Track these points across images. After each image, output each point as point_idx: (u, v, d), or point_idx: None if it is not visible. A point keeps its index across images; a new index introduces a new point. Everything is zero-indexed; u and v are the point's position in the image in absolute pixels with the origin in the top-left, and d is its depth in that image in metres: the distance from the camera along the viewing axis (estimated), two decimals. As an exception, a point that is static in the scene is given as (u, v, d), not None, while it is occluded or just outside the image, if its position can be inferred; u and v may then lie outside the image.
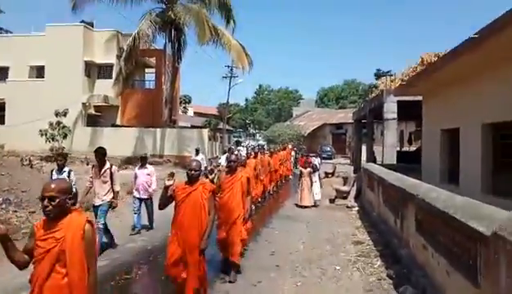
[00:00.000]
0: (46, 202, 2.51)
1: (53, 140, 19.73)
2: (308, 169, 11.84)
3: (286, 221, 9.42)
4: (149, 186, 8.19)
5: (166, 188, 4.13)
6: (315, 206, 11.42)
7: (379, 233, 7.74)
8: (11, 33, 33.76)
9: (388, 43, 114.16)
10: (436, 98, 10.70)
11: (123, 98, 24.95)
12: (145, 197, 8.14)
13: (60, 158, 6.85)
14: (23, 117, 21.84)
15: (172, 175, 4.17)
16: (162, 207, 4.29)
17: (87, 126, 24.22)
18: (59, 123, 19.94)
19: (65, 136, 20.20)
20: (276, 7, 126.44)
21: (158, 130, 22.87)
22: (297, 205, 11.39)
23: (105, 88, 24.10)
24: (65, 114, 20.08)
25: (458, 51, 7.15)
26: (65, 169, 6.71)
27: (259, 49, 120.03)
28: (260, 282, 5.25)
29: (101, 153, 6.63)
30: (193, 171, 4.23)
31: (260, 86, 77.73)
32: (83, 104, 24.08)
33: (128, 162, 20.43)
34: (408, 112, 14.37)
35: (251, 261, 6.16)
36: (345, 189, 13.00)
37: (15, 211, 8.06)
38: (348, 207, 11.34)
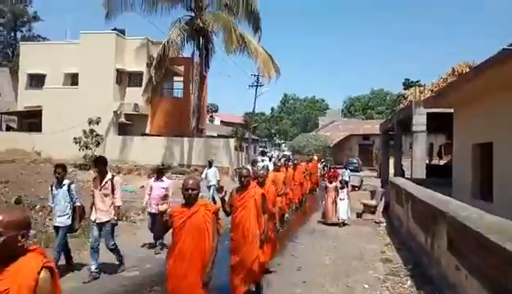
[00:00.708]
0: None
1: (87, 147, 20.35)
2: (334, 184, 11.18)
3: (312, 236, 9.35)
4: (163, 201, 7.17)
5: (161, 213, 3.69)
6: (341, 224, 10.42)
7: (408, 251, 7.55)
8: (48, 40, 35.34)
9: (418, 53, 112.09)
10: (468, 111, 10.39)
11: (153, 106, 25.46)
12: (156, 212, 6.96)
13: (59, 170, 5.93)
14: (58, 124, 22.64)
15: (165, 198, 3.84)
16: (156, 236, 3.98)
17: (119, 134, 24.82)
18: (92, 131, 20.58)
19: (97, 144, 20.80)
20: (302, 14, 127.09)
21: (185, 139, 23.20)
22: (322, 222, 10.86)
23: (135, 96, 24.74)
24: (97, 122, 20.73)
25: (492, 62, 6.94)
26: (64, 182, 5.95)
27: (285, 57, 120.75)
28: (287, 298, 5.23)
29: (101, 163, 6.01)
30: (190, 191, 3.58)
31: (285, 95, 77.89)
32: (115, 112, 24.70)
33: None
34: (438, 124, 14.00)
35: (278, 276, 6.15)
36: (373, 203, 12.77)
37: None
38: (375, 222, 11.13)
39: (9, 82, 31.36)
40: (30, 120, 26.65)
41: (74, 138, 20.05)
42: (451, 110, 11.68)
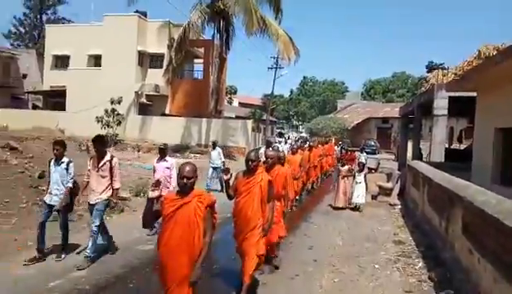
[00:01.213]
0: None
1: (108, 126, 20.91)
2: (347, 167, 10.72)
3: (326, 216, 9.41)
4: (168, 182, 6.99)
5: (151, 200, 3.36)
6: (354, 209, 10.07)
7: (422, 234, 7.54)
8: (72, 22, 36.03)
9: (443, 35, 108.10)
10: (492, 95, 10.08)
11: (173, 88, 25.81)
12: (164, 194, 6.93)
13: (58, 147, 5.53)
14: (81, 104, 23.35)
15: (158, 184, 3.45)
16: (146, 224, 3.67)
17: (139, 114, 25.36)
18: (113, 111, 21.08)
19: (119, 123, 21.35)
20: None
21: (204, 120, 23.48)
22: (331, 206, 10.33)
23: (156, 77, 25.11)
24: (119, 102, 21.19)
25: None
26: (63, 159, 5.52)
27: (305, 39, 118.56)
28: (297, 276, 5.35)
29: (99, 142, 5.67)
30: (185, 180, 3.20)
31: (305, 77, 76.97)
32: (136, 92, 25.21)
33: (176, 150, 21.25)
34: (460, 108, 13.65)
35: (289, 254, 6.27)
36: (389, 185, 12.70)
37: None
38: (390, 204, 11.09)
39: (35, 64, 32.25)
40: (55, 99, 27.52)
41: (97, 117, 20.61)
42: (474, 94, 11.35)
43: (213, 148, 12.33)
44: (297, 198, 10.05)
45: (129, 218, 8.02)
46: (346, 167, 10.67)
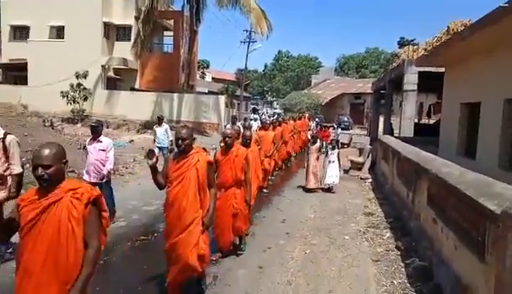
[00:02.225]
0: None
1: (74, 102, 20.14)
2: (318, 144, 9.76)
3: (298, 191, 9.51)
4: (101, 167, 5.81)
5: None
6: (327, 190, 9.31)
7: (390, 206, 7.79)
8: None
9: (415, 11, 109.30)
10: (458, 70, 10.35)
11: (142, 61, 24.97)
12: (95, 181, 5.62)
13: None
14: (45, 78, 22.20)
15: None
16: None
17: (107, 89, 24.48)
18: (79, 85, 20.26)
19: (85, 99, 20.58)
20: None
21: (175, 95, 22.98)
22: (303, 188, 9.46)
23: (124, 51, 24.12)
24: (85, 76, 20.36)
25: (486, 21, 6.83)
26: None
27: (280, 13, 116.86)
28: (270, 248, 5.42)
29: None
30: (40, 171, 2.19)
31: (279, 52, 76.33)
32: (103, 66, 24.23)
33: (146, 126, 20.76)
34: (429, 83, 13.97)
35: (262, 228, 6.35)
36: (360, 160, 12.97)
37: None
38: (361, 178, 11.37)
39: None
40: (15, 73, 26.00)
41: (62, 92, 19.77)
42: (443, 70, 11.62)
43: (159, 124, 10.64)
44: (269, 177, 9.62)
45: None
46: (317, 145, 9.70)
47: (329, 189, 9.30)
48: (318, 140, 10.12)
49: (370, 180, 11.07)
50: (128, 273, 4.67)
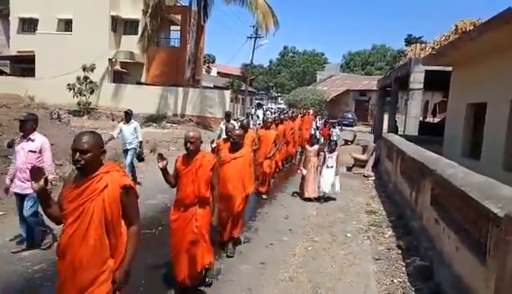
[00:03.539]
0: None
1: (80, 94, 20.26)
2: (316, 146, 8.67)
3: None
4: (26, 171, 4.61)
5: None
6: (328, 199, 8.07)
7: (393, 204, 7.82)
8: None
9: (423, 8, 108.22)
10: (466, 70, 10.28)
11: (148, 55, 25.04)
12: (19, 191, 4.80)
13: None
14: (52, 70, 22.33)
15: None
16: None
17: (114, 82, 24.56)
18: (86, 78, 20.37)
19: (92, 92, 20.69)
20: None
21: (180, 89, 23.01)
22: (299, 195, 8.31)
23: (131, 45, 24.19)
24: (92, 69, 20.45)
25: (496, 21, 6.78)
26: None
27: (287, 9, 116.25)
28: (272, 244, 5.48)
29: None
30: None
31: (285, 47, 76.16)
32: (110, 59, 24.31)
33: (151, 119, 20.87)
34: (435, 82, 13.89)
35: (265, 224, 6.40)
36: (363, 157, 12.96)
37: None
38: (364, 176, 11.37)
39: (0, 27, 30.29)
40: (23, 65, 26.16)
41: (68, 84, 19.89)
42: (450, 69, 11.55)
43: (126, 120, 8.51)
44: (271, 179, 9.01)
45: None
46: (315, 147, 8.55)
47: (327, 198, 8.09)
48: (318, 142, 9.20)
49: (373, 177, 11.08)
50: (131, 267, 4.72)
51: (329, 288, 4.26)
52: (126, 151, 8.42)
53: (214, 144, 5.69)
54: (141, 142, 8.55)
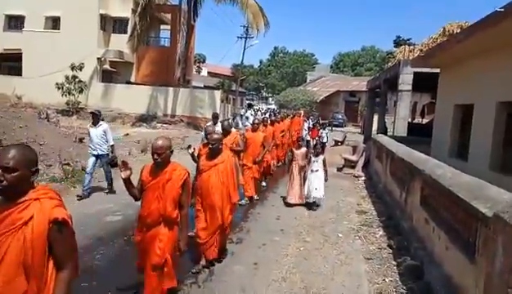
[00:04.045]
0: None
1: (69, 93, 20.03)
2: (304, 149, 8.16)
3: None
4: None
5: (126, 181, 3.25)
6: (312, 205, 7.51)
7: (383, 204, 7.91)
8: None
9: (412, 10, 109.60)
10: (453, 72, 10.47)
11: (138, 55, 24.90)
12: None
13: None
14: (39, 69, 22.03)
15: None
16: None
17: (103, 81, 24.33)
18: (75, 77, 20.15)
19: (81, 91, 20.50)
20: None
21: (170, 89, 22.93)
22: (285, 202, 7.83)
23: (121, 44, 24.03)
24: (80, 68, 20.23)
25: (483, 24, 6.93)
26: None
27: (276, 9, 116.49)
28: (265, 245, 5.50)
29: None
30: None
31: (275, 48, 76.27)
32: (99, 59, 24.06)
33: (141, 119, 20.73)
34: (424, 83, 14.11)
35: (257, 224, 6.42)
36: (353, 158, 13.08)
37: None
38: (355, 176, 11.47)
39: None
40: (10, 63, 25.72)
41: (57, 83, 19.65)
42: (438, 70, 11.74)
43: (94, 122, 7.48)
44: (262, 182, 8.89)
45: (95, 188, 7.84)
46: (302, 150, 8.05)
47: (313, 204, 7.54)
48: (308, 144, 9.06)
49: (363, 178, 11.19)
50: (124, 268, 4.71)
51: (321, 288, 4.30)
52: (96, 157, 7.44)
53: (191, 150, 5.18)
54: (112, 146, 7.55)
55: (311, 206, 7.50)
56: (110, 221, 6.22)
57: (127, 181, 3.25)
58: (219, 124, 8.18)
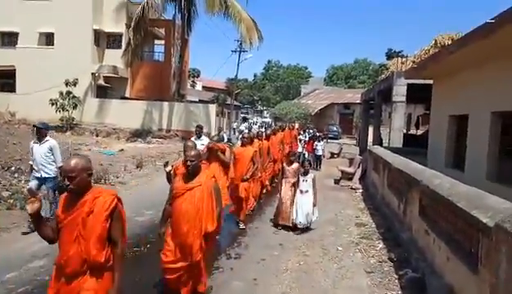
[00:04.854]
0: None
1: (63, 109, 19.94)
2: (295, 165, 7.18)
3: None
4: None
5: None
6: (303, 230, 6.72)
7: (382, 216, 7.86)
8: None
9: (402, 23, 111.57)
10: (447, 83, 10.57)
11: (133, 70, 24.91)
12: None
13: None
14: (33, 85, 21.94)
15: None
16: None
17: (97, 97, 24.26)
18: (69, 93, 20.09)
19: (75, 107, 20.42)
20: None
21: (165, 104, 22.91)
22: (273, 223, 7.14)
23: (115, 59, 24.04)
24: (74, 84, 20.20)
25: (474, 36, 7.01)
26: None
27: (269, 23, 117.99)
28: (264, 260, 5.42)
29: None
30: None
31: (269, 61, 76.92)
32: (93, 74, 24.04)
33: (136, 134, 20.65)
34: (417, 95, 14.23)
35: (256, 239, 6.34)
36: (350, 170, 13.08)
37: (28, 181, 8.20)
38: (352, 188, 11.45)
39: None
40: (3, 80, 25.61)
41: (51, 99, 19.56)
42: (431, 81, 11.86)
43: (39, 137, 6.26)
44: (255, 202, 7.98)
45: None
46: (294, 166, 7.15)
47: (307, 228, 6.75)
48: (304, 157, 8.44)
49: (360, 190, 11.16)
50: (119, 286, 4.59)
51: (323, 303, 4.22)
52: (39, 180, 6.21)
53: (169, 168, 4.61)
54: (60, 167, 5.99)
55: (301, 231, 6.68)
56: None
57: (35, 218, 2.52)
58: (204, 138, 7.76)
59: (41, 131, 6.23)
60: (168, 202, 3.87)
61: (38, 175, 6.19)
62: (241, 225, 6.94)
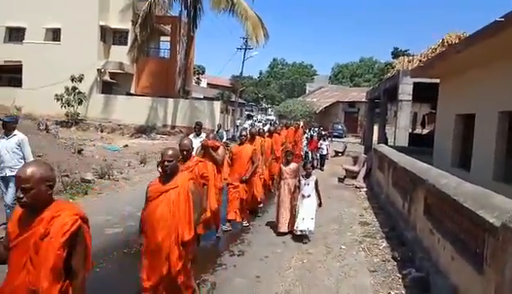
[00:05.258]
0: None
1: (69, 105, 20.05)
2: (294, 165, 6.72)
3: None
4: None
5: None
6: (301, 238, 6.15)
7: (386, 215, 7.82)
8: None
9: (409, 22, 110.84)
10: (453, 82, 10.48)
11: (138, 66, 24.97)
12: None
13: None
14: (39, 80, 22.07)
15: None
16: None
17: (103, 93, 24.36)
18: (74, 89, 20.19)
19: (80, 102, 20.52)
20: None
21: (170, 100, 22.95)
22: (273, 230, 6.65)
23: (121, 55, 24.13)
24: (80, 80, 20.28)
25: (482, 34, 6.93)
26: None
27: (275, 21, 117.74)
28: (267, 257, 5.40)
29: None
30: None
31: (274, 59, 76.90)
32: (99, 70, 24.14)
33: (140, 130, 20.71)
34: (423, 94, 14.12)
35: (259, 237, 6.32)
36: (355, 169, 13.02)
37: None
38: (356, 187, 11.39)
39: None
40: (10, 75, 25.79)
41: (56, 95, 19.67)
42: (437, 80, 11.77)
43: (6, 133, 5.71)
44: (260, 205, 7.86)
45: (93, 201, 7.76)
46: (292, 166, 6.67)
47: (303, 236, 6.16)
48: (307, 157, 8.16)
49: (365, 189, 11.11)
50: (123, 281, 4.61)
51: (325, 301, 4.20)
52: (3, 180, 5.64)
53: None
54: None
55: (301, 239, 6.15)
56: (109, 233, 6.11)
57: None
58: (203, 135, 7.48)
59: (7, 125, 5.66)
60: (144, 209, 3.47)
61: (3, 174, 5.57)
62: (245, 223, 6.90)
